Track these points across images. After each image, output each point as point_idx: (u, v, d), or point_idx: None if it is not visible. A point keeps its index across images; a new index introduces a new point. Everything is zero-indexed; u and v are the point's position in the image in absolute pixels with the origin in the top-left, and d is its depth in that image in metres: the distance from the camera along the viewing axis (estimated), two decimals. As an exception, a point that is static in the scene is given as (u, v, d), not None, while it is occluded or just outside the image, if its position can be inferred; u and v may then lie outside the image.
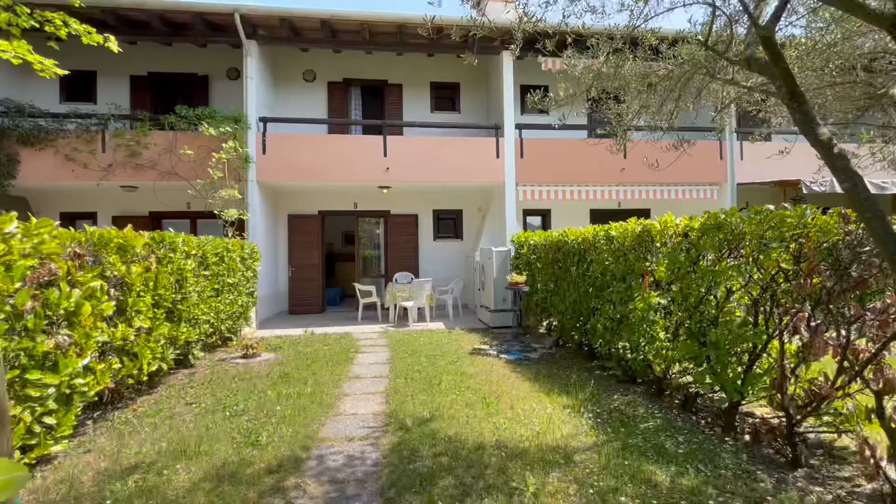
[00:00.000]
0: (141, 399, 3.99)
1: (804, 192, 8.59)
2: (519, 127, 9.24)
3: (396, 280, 9.73)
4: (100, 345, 3.18)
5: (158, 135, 8.01)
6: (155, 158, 7.95)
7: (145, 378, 3.86)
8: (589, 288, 5.04)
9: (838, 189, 8.96)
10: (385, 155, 8.73)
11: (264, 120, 8.47)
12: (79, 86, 9.56)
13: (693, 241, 3.46)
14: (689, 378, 3.88)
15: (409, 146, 8.89)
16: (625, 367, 4.47)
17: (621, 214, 11.29)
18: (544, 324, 7.00)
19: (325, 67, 10.33)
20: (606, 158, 9.47)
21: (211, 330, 5.39)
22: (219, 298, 5.54)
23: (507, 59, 9.16)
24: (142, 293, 3.75)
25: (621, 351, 4.56)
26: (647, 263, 4.04)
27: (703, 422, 3.39)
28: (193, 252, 4.78)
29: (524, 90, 10.99)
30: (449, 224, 10.82)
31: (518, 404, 3.76)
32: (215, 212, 7.53)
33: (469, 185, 9.71)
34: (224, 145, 7.61)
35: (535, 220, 11.20)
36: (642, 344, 4.05)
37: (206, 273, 5.18)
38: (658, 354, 3.87)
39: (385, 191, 9.46)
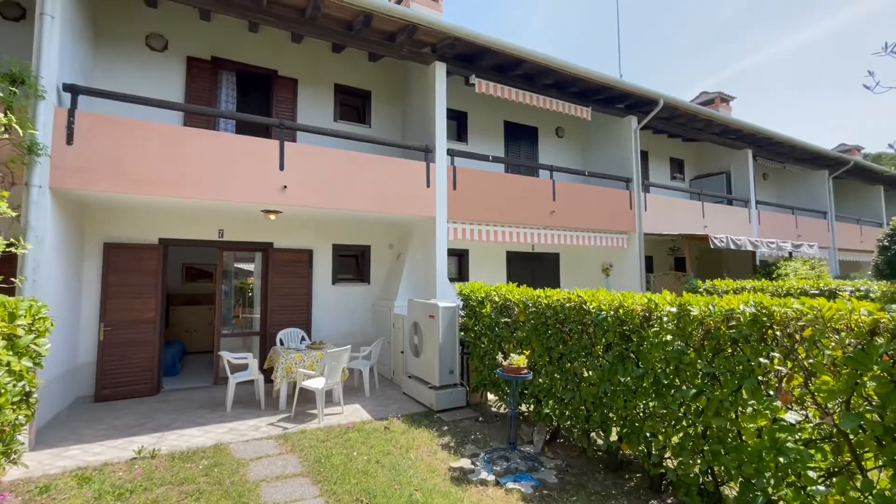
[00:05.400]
0: None
1: (711, 246, 9.07)
2: (451, 153, 7.74)
3: (282, 342, 7.01)
4: None
5: None
6: None
7: None
8: (632, 380, 3.65)
9: (731, 245, 9.89)
10: (282, 168, 6.20)
11: (74, 89, 5.15)
12: None
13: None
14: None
15: (319, 159, 6.51)
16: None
17: (534, 259, 10.68)
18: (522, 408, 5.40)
19: (184, 36, 7.23)
20: (539, 198, 8.69)
21: None
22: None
23: (441, 71, 7.66)
24: None
25: (701, 477, 3.25)
26: (769, 363, 2.83)
27: None
28: None
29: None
30: (352, 263, 8.53)
31: None
32: (-51, 238, 3.96)
33: (387, 218, 7.72)
34: (-18, 118, 4.17)
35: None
36: (768, 480, 2.78)
37: None
38: None
39: (272, 216, 6.80)
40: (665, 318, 3.45)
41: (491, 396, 6.19)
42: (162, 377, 6.85)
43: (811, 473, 2.63)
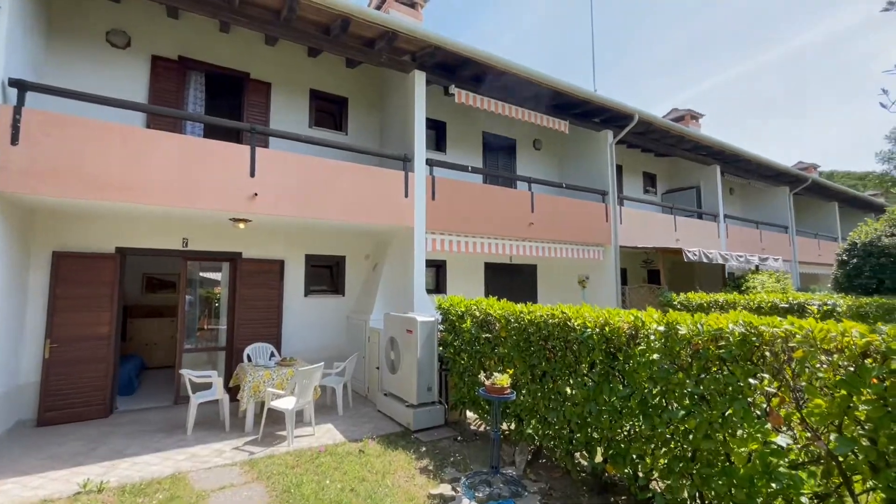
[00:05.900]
0: None
1: (685, 259, 9.22)
2: (430, 163, 7.60)
3: (249, 358, 6.64)
4: None
5: None
6: None
7: None
8: (617, 400, 3.55)
9: (704, 259, 10.10)
10: (253, 175, 5.89)
11: (21, 85, 4.73)
12: None
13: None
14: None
15: (292, 166, 6.24)
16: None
17: (512, 271, 10.61)
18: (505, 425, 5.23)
19: (149, 33, 6.85)
20: (518, 210, 8.63)
21: None
22: None
23: (420, 80, 7.54)
24: None
25: (690, 502, 3.15)
26: (759, 384, 2.78)
27: None
28: None
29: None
30: (325, 275, 8.22)
31: None
32: None
33: (363, 228, 7.48)
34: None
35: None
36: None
37: None
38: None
39: (242, 225, 6.46)
40: (652, 337, 3.37)
41: (470, 414, 6.00)
42: (116, 396, 6.35)
43: (803, 499, 2.57)
